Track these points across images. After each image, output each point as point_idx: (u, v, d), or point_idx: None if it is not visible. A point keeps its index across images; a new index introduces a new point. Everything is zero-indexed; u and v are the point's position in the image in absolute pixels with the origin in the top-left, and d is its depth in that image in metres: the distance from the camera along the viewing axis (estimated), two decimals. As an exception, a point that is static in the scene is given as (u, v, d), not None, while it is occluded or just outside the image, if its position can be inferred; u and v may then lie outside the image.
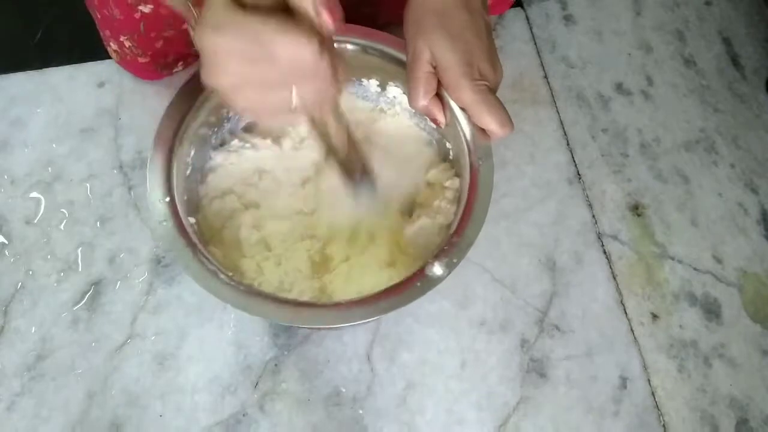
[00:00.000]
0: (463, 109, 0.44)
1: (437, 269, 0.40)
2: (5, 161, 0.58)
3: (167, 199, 0.42)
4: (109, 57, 0.61)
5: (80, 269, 0.54)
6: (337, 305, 0.40)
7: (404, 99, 0.51)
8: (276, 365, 0.52)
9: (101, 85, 0.62)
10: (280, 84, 0.34)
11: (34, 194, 0.57)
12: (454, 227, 0.42)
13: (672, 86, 0.69)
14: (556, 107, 0.66)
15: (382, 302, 0.39)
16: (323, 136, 0.43)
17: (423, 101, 0.44)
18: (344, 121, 0.43)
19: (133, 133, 0.60)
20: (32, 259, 0.54)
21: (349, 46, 0.48)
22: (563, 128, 0.65)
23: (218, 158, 0.50)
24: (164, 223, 0.41)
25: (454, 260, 0.41)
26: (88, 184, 0.57)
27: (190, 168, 0.46)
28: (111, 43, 0.57)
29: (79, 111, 0.60)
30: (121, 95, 0.61)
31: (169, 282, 0.54)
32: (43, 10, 0.68)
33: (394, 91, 0.51)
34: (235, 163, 0.50)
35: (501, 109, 0.42)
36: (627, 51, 0.71)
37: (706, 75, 0.71)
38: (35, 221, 0.56)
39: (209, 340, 0.52)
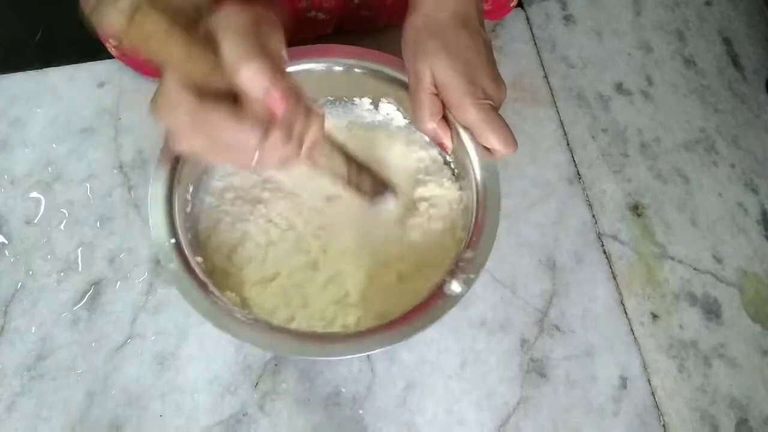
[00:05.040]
0: (466, 127, 0.44)
1: (455, 287, 0.40)
2: (5, 161, 0.58)
3: (172, 240, 0.41)
4: (108, 57, 0.61)
5: (80, 269, 0.54)
6: (359, 334, 0.39)
7: (398, 115, 0.51)
8: (276, 365, 0.52)
9: (101, 85, 0.62)
10: (235, 152, 0.34)
11: (34, 194, 0.57)
12: (465, 243, 0.42)
13: (672, 86, 0.69)
14: (556, 107, 0.66)
15: (405, 326, 0.39)
16: (319, 169, 0.43)
17: (430, 124, 0.44)
18: (337, 150, 0.42)
19: (133, 133, 0.60)
20: (32, 259, 0.54)
21: (340, 67, 0.48)
22: (563, 128, 0.65)
23: (215, 194, 0.50)
24: (171, 266, 0.40)
25: (471, 276, 0.40)
26: (88, 184, 0.57)
27: (190, 205, 0.46)
28: (110, 39, 0.57)
29: (79, 111, 0.60)
30: (121, 95, 0.61)
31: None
32: (43, 10, 0.68)
33: (387, 107, 0.51)
34: (232, 197, 0.50)
35: (505, 128, 0.42)
36: (627, 51, 0.71)
37: (706, 75, 0.71)
38: (35, 221, 0.56)
39: (209, 340, 0.52)
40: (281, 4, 0.54)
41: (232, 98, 0.33)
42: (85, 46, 0.62)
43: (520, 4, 0.71)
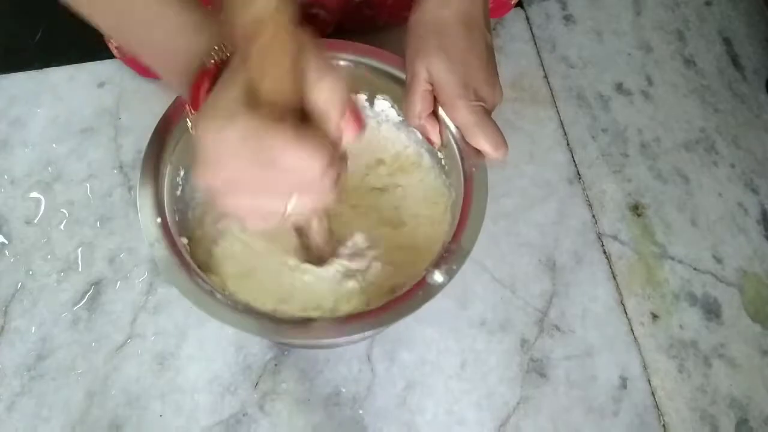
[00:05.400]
0: (458, 128, 0.44)
1: (438, 277, 0.40)
2: (5, 161, 0.58)
3: (158, 220, 0.41)
4: (108, 57, 0.61)
5: (80, 269, 0.54)
6: (339, 319, 0.39)
7: (392, 112, 0.51)
8: (276, 365, 0.52)
9: (101, 85, 0.62)
10: (276, 192, 0.30)
11: (34, 194, 0.57)
12: (451, 234, 0.42)
13: (672, 86, 0.69)
14: (556, 107, 0.66)
15: (385, 314, 0.39)
16: (301, 232, 0.42)
17: (417, 119, 0.44)
18: (326, 220, 0.42)
19: (133, 133, 0.60)
20: (32, 259, 0.54)
21: (339, 62, 0.48)
22: (563, 128, 0.65)
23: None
24: (156, 245, 0.40)
25: (454, 267, 0.40)
26: (88, 184, 0.57)
27: (180, 188, 0.45)
28: (112, 40, 0.57)
29: (79, 111, 0.60)
30: (121, 95, 0.61)
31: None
32: (43, 10, 0.68)
33: (383, 104, 0.51)
34: None
35: (496, 131, 0.42)
36: (627, 51, 0.71)
37: (706, 75, 0.71)
38: (35, 221, 0.56)
39: (209, 340, 0.52)
40: None
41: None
42: (85, 46, 0.62)
43: (520, 4, 0.71)
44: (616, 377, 0.54)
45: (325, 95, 0.29)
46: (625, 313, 0.57)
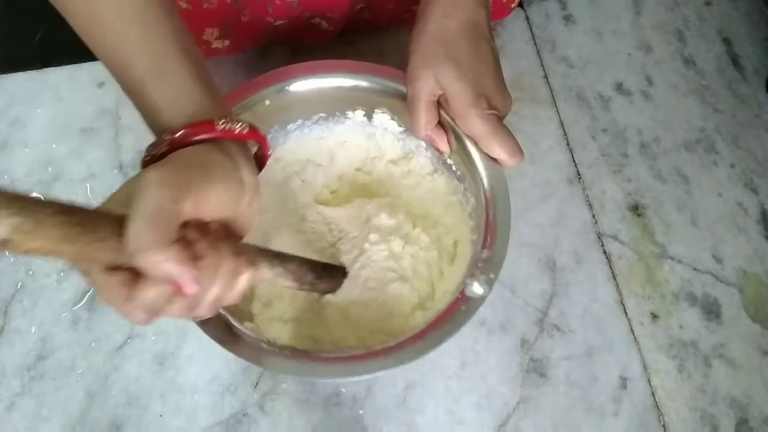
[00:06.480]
0: (471, 138, 0.44)
1: (477, 288, 0.39)
2: (5, 161, 0.58)
3: None
4: (109, 57, 0.61)
5: (80, 269, 0.54)
6: (390, 349, 0.38)
7: (392, 125, 0.50)
8: (276, 365, 0.52)
9: (101, 85, 0.62)
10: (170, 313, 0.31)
11: (34, 194, 0.56)
12: (480, 243, 0.42)
13: (672, 86, 0.69)
14: (556, 107, 0.66)
15: (432, 335, 0.38)
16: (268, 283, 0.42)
17: (425, 131, 0.44)
18: (276, 263, 0.40)
19: (133, 133, 0.60)
20: (32, 259, 0.54)
21: (331, 84, 0.48)
22: (563, 128, 0.65)
23: None
24: None
25: (491, 276, 0.40)
26: (88, 184, 0.57)
27: None
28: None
29: (79, 111, 0.60)
30: (121, 95, 0.60)
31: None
32: (43, 10, 0.68)
33: (381, 118, 0.50)
34: None
35: (511, 138, 0.42)
36: (627, 51, 0.71)
37: (706, 75, 0.71)
38: (35, 221, 0.56)
39: (209, 340, 0.52)
40: (284, 12, 0.54)
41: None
42: (86, 46, 0.62)
43: (520, 4, 0.71)
44: (616, 377, 0.54)
45: (139, 267, 0.29)
46: (625, 313, 0.57)
